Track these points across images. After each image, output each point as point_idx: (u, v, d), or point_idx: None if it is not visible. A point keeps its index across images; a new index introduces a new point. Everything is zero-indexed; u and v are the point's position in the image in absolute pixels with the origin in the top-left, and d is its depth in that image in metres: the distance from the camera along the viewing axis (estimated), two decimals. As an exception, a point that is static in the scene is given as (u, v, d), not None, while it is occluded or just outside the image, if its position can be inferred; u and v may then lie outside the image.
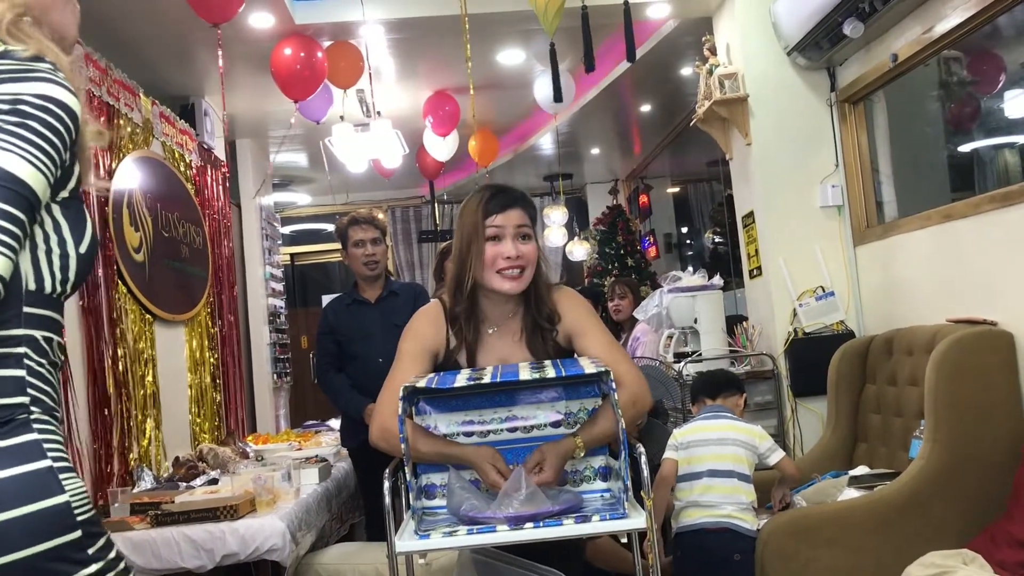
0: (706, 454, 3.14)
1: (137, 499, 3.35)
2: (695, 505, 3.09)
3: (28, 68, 1.30)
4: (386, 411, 2.03)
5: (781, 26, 4.57)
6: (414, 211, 10.26)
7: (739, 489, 3.07)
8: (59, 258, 1.34)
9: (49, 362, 1.35)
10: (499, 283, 2.10)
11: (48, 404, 1.32)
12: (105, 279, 3.90)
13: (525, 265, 2.11)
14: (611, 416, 1.90)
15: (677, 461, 3.16)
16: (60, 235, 1.34)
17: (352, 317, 3.91)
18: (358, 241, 3.88)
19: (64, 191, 1.35)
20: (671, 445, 3.22)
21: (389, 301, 3.91)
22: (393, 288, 3.97)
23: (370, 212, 4.01)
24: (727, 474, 3.09)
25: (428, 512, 2.02)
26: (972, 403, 3.15)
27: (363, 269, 3.90)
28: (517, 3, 4.56)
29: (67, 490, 1.26)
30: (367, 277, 3.92)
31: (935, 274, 3.87)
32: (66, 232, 1.35)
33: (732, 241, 7.37)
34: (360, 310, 3.92)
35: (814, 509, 3.24)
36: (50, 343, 1.35)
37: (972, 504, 3.09)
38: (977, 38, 3.68)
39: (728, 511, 3.04)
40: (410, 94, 6.47)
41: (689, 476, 3.14)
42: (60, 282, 1.35)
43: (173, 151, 4.97)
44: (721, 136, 5.01)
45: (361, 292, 3.96)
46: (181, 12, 4.20)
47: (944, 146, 4.57)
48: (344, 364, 3.90)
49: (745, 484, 3.09)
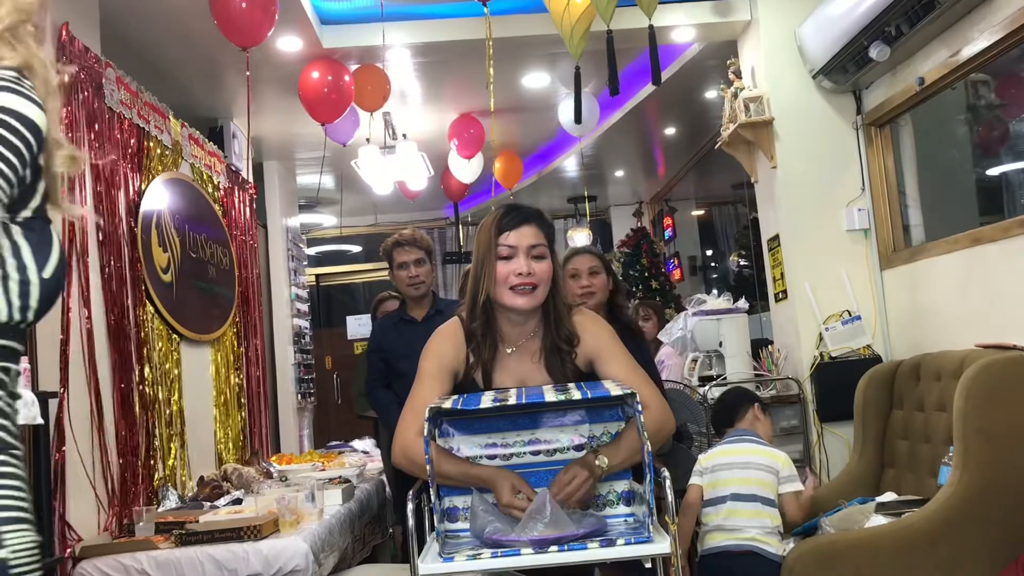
0: (730, 478, 3.11)
1: (162, 518, 3.37)
2: (719, 529, 3.07)
3: None
4: (408, 432, 2.03)
5: (807, 49, 4.57)
6: (438, 233, 10.29)
7: (763, 513, 3.05)
8: (18, 284, 1.23)
9: (9, 394, 1.23)
10: (511, 299, 2.10)
11: (4, 440, 1.21)
12: (133, 299, 3.94)
13: (538, 283, 2.10)
14: (635, 439, 1.89)
15: (702, 487, 3.14)
16: (19, 259, 1.23)
17: (400, 335, 3.99)
18: (402, 263, 3.98)
19: (25, 210, 1.25)
20: (696, 471, 3.20)
21: (436, 320, 3.95)
22: (439, 307, 4.05)
23: (413, 233, 4.10)
24: (750, 498, 3.06)
25: (451, 535, 2.01)
26: (1002, 429, 3.10)
27: (408, 290, 4.01)
28: (543, 27, 4.59)
29: (7, 544, 1.14)
30: (413, 297, 4.02)
31: (963, 299, 3.83)
32: (27, 256, 1.24)
33: (757, 264, 7.34)
34: (407, 328, 3.99)
35: (841, 536, 3.20)
36: (7, 373, 1.23)
37: (1003, 532, 3.04)
38: (1005, 61, 3.66)
39: (752, 534, 3.01)
40: (435, 117, 6.51)
41: (714, 500, 3.12)
42: (19, 309, 1.23)
43: (202, 173, 5.02)
44: (746, 159, 5.00)
45: (409, 311, 4.05)
46: (211, 36, 4.26)
47: (972, 169, 4.54)
48: (392, 381, 3.98)
49: (769, 508, 3.06)
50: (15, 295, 1.23)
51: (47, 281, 1.26)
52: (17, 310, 1.23)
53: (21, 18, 1.27)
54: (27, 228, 1.25)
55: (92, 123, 3.66)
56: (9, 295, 1.23)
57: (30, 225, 1.26)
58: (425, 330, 3.91)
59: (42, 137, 1.24)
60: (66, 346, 3.32)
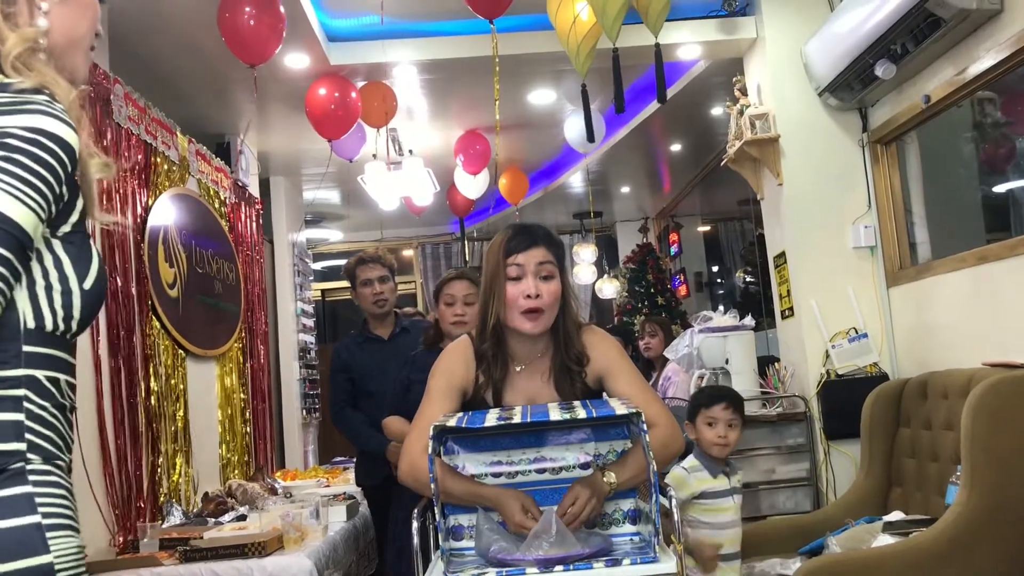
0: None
1: (166, 534, 3.36)
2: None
3: (21, 101, 1.25)
4: (415, 449, 2.02)
5: (812, 67, 4.58)
6: (444, 248, 10.30)
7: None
8: (61, 295, 1.28)
9: (55, 404, 1.29)
10: (520, 323, 2.10)
11: (49, 451, 1.26)
12: (139, 314, 3.95)
13: (545, 307, 2.09)
14: (642, 458, 1.88)
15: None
16: (61, 271, 1.29)
17: (366, 355, 3.95)
18: (366, 280, 3.93)
19: (65, 225, 1.30)
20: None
21: (401, 337, 3.96)
22: (403, 325, 4.02)
23: (377, 251, 4.06)
24: None
25: (456, 553, 2.01)
26: (1010, 448, 3.09)
27: (372, 307, 3.95)
28: (549, 44, 4.60)
29: (52, 550, 1.19)
30: (376, 315, 3.98)
31: (970, 316, 3.82)
32: (68, 268, 1.30)
33: (763, 281, 7.33)
34: (374, 347, 3.96)
35: (848, 555, 3.18)
36: (56, 384, 1.29)
37: (1011, 551, 3.01)
38: (1011, 79, 3.66)
39: None
40: (441, 133, 6.54)
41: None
42: (63, 319, 1.29)
43: (208, 188, 5.04)
44: (752, 176, 5.01)
45: (373, 330, 4.01)
46: (219, 53, 4.28)
47: (979, 187, 4.53)
48: (359, 401, 3.92)
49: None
50: (58, 305, 1.29)
51: (88, 292, 1.31)
52: (61, 320, 1.29)
53: (30, 46, 1.32)
54: (67, 242, 1.31)
55: (100, 139, 3.68)
56: (53, 305, 1.28)
57: (70, 239, 1.31)
58: (392, 348, 3.93)
59: (75, 156, 1.29)
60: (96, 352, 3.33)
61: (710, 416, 2.99)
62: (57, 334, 1.30)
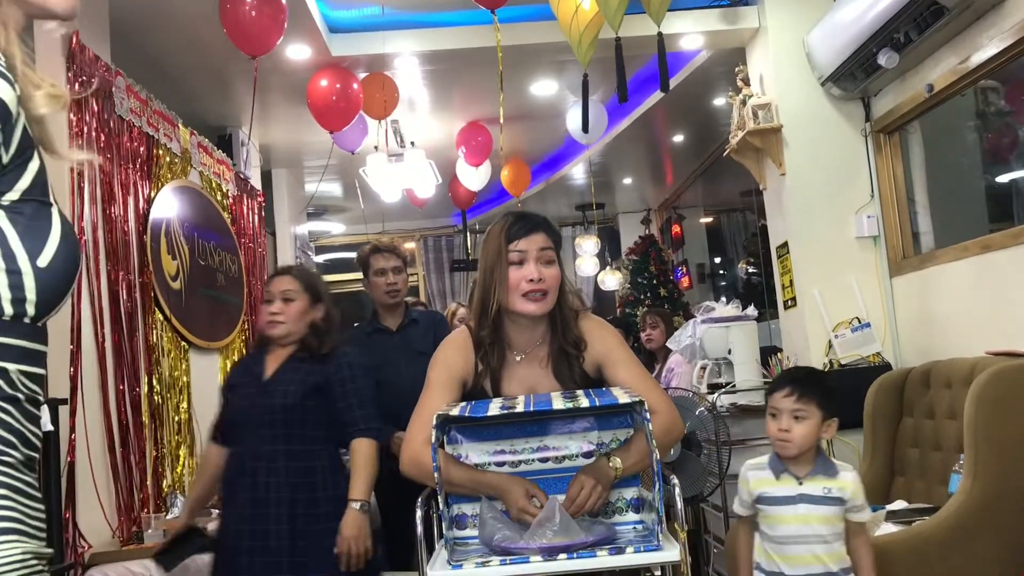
0: None
1: (170, 525, 3.37)
2: None
3: None
4: (417, 440, 2.03)
5: (815, 56, 4.57)
6: (446, 240, 10.30)
7: None
8: (6, 274, 1.11)
9: (3, 397, 1.13)
10: (523, 306, 2.10)
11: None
12: (142, 306, 3.96)
13: (547, 289, 2.11)
14: (644, 444, 1.89)
15: None
16: (5, 247, 1.12)
17: (375, 345, 3.89)
18: (380, 269, 3.86)
19: (11, 192, 1.13)
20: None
21: (410, 329, 3.91)
22: (413, 316, 3.97)
23: (392, 241, 4.02)
24: None
25: (460, 542, 2.01)
26: (1013, 437, 3.09)
27: (384, 297, 3.89)
28: (551, 35, 4.59)
29: None
30: (387, 305, 3.91)
31: (973, 305, 3.81)
32: (14, 243, 1.12)
33: (766, 271, 7.33)
34: (383, 338, 3.91)
35: (851, 544, 3.18)
36: (4, 374, 1.13)
37: (1014, 539, 3.02)
38: (1015, 67, 3.65)
39: None
40: (443, 125, 6.53)
41: None
42: (12, 302, 1.12)
43: (211, 180, 5.04)
44: (755, 166, 5.00)
45: (382, 320, 3.96)
46: (220, 45, 4.28)
47: (982, 176, 4.52)
48: None
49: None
50: (4, 287, 1.11)
51: (44, 271, 1.13)
52: (9, 303, 1.12)
53: None
54: (13, 212, 1.13)
55: (102, 131, 3.68)
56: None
57: (17, 209, 1.13)
58: (399, 339, 3.90)
59: (9, 112, 1.12)
60: (76, 353, 3.33)
61: (772, 406, 2.46)
62: (5, 319, 1.13)
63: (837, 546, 2.34)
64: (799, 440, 2.37)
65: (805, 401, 2.38)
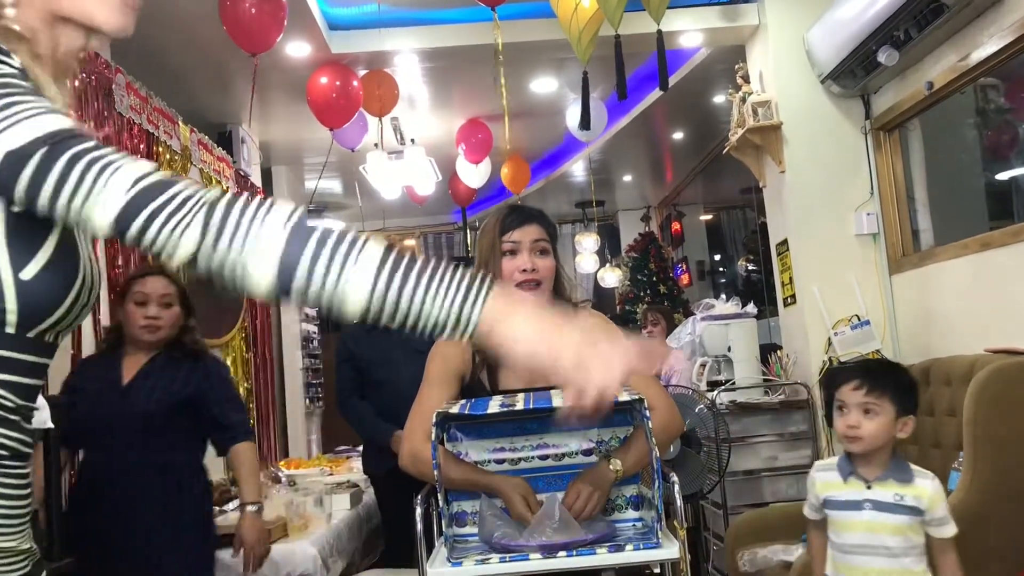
0: None
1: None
2: None
3: None
4: (416, 437, 2.02)
5: (815, 54, 4.57)
6: (446, 237, 10.31)
7: None
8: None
9: None
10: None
11: None
12: (142, 304, 3.95)
13: (541, 279, 2.11)
14: (644, 443, 1.89)
15: None
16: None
17: (374, 343, 3.89)
18: None
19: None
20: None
21: None
22: None
23: (391, 238, 4.02)
24: None
25: (459, 539, 2.01)
26: (1012, 434, 3.09)
27: None
28: (551, 32, 4.59)
29: None
30: None
31: (973, 303, 3.81)
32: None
33: (766, 269, 7.33)
34: (381, 336, 3.90)
35: (850, 541, 3.18)
36: None
37: (1014, 537, 3.02)
38: (1015, 65, 3.65)
39: None
40: (443, 121, 6.53)
41: None
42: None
43: (211, 177, 5.04)
44: (754, 164, 5.00)
45: None
46: (220, 42, 4.27)
47: (981, 174, 4.52)
48: (366, 391, 3.89)
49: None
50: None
51: (28, 283, 1.04)
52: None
53: None
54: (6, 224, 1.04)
55: (101, 128, 3.68)
56: None
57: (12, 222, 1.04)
58: (398, 337, 3.89)
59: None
60: (77, 349, 3.33)
61: (839, 399, 2.21)
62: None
63: (908, 562, 2.13)
64: (869, 438, 2.16)
65: (876, 395, 2.16)
